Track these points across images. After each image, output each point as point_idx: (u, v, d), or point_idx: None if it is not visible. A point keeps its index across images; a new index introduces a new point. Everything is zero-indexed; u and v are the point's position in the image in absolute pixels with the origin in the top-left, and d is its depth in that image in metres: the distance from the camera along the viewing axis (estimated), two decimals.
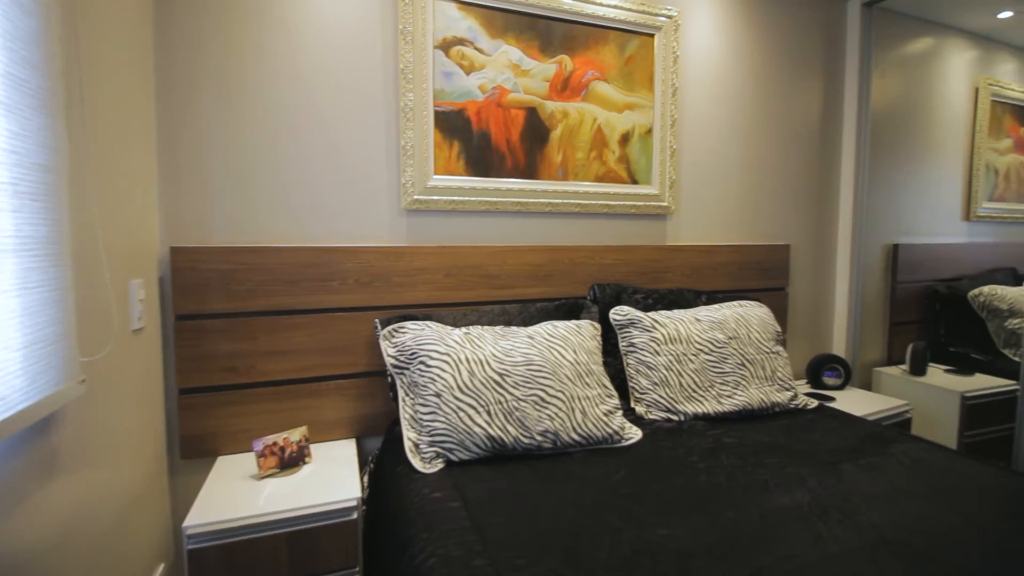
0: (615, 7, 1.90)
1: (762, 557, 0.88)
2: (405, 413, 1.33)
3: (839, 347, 2.46)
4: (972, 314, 2.36)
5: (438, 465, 1.23)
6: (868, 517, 1.02)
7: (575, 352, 1.42)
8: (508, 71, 1.79)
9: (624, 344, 1.65)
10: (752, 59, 2.23)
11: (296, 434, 1.38)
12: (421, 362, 1.31)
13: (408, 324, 1.41)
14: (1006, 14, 2.43)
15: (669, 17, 2.01)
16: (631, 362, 1.62)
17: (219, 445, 1.46)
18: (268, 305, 1.48)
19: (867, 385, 2.42)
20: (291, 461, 1.36)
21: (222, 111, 1.47)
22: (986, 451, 2.06)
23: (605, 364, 1.64)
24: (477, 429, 1.23)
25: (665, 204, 2.06)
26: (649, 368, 1.58)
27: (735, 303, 1.83)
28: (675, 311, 1.75)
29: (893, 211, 2.48)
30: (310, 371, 1.53)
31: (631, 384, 1.62)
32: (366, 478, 1.41)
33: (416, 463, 1.23)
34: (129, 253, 1.23)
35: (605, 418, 1.36)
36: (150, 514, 1.31)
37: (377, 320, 1.48)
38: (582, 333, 1.50)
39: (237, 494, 1.23)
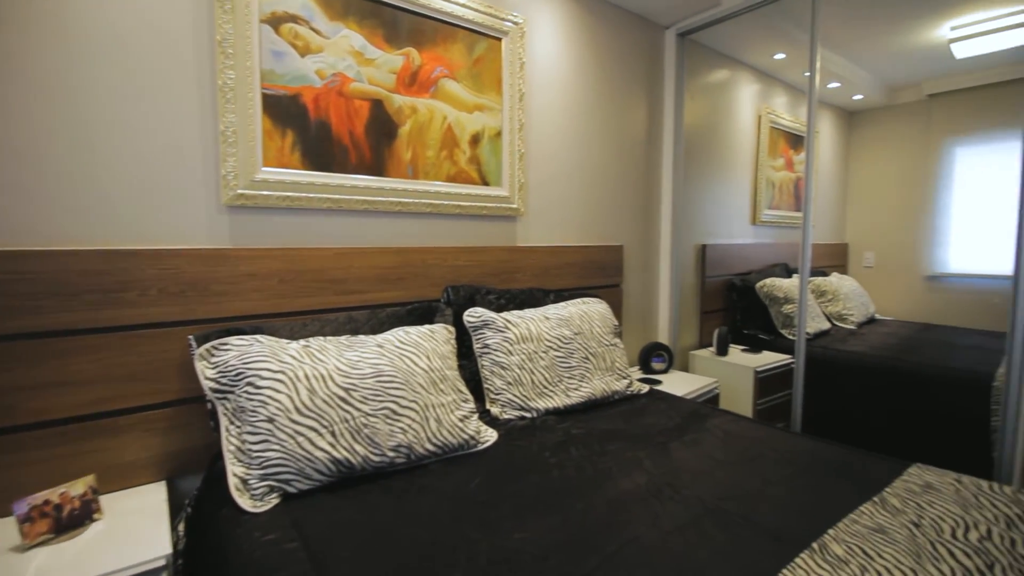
0: (463, 6, 1.88)
1: (609, 544, 0.93)
2: (230, 445, 1.14)
3: (663, 335, 2.79)
4: (759, 302, 2.86)
5: (271, 501, 1.08)
6: (694, 491, 1.15)
7: (429, 358, 1.37)
8: (350, 58, 1.65)
9: (479, 346, 1.65)
10: (589, 73, 2.40)
11: (79, 486, 1.10)
12: (249, 383, 1.14)
13: (232, 340, 1.22)
14: (780, 55, 2.99)
15: (516, 23, 2.05)
16: (486, 363, 1.62)
17: None
18: (35, 326, 1.16)
19: (685, 367, 2.79)
20: (72, 522, 1.08)
21: None
22: (773, 415, 2.52)
23: (460, 367, 1.62)
24: (320, 454, 1.11)
25: (515, 206, 2.11)
26: (503, 368, 1.60)
27: (579, 300, 1.95)
28: (526, 310, 1.80)
29: (702, 216, 2.89)
30: (100, 405, 1.23)
31: (486, 386, 1.62)
32: (182, 526, 1.19)
33: (244, 502, 1.06)
34: None
35: (461, 424, 1.33)
36: None
37: (192, 337, 1.25)
38: (435, 338, 1.45)
39: None
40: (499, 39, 2.03)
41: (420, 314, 1.64)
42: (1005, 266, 1.75)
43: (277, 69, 1.51)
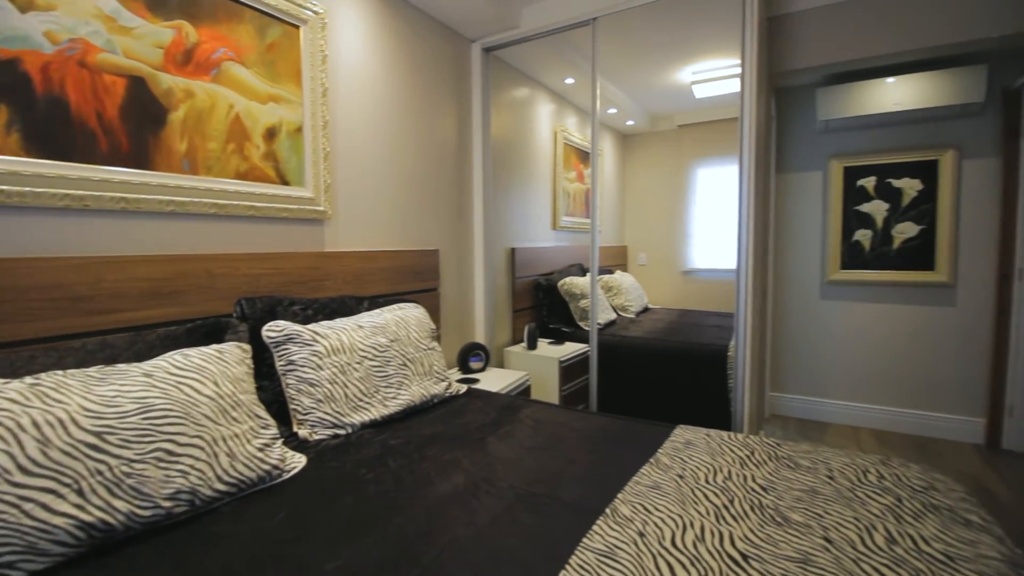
0: None
1: (428, 553, 0.93)
2: None
3: (480, 335, 2.91)
4: (561, 299, 3.17)
5: None
6: (507, 480, 1.21)
7: (217, 383, 1.18)
8: (97, 23, 1.34)
9: (282, 363, 1.49)
10: (401, 78, 2.36)
11: None
12: None
13: None
14: (570, 80, 3.36)
15: (316, 13, 1.91)
16: (291, 382, 1.48)
17: None
18: None
19: (502, 364, 2.95)
20: None
21: None
22: (575, 399, 2.82)
23: (260, 389, 1.44)
24: (60, 520, 0.87)
25: (321, 208, 1.96)
26: (312, 385, 1.47)
27: (395, 306, 1.91)
28: (338, 320, 1.69)
29: (511, 221, 3.09)
30: None
31: (292, 406, 1.47)
32: None
33: None
34: None
35: (261, 454, 1.18)
36: None
37: None
38: (225, 359, 1.26)
39: None
40: (297, 27, 1.87)
41: (205, 333, 1.41)
42: (733, 262, 2.25)
43: None
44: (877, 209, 3.17)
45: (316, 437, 1.44)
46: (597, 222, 2.63)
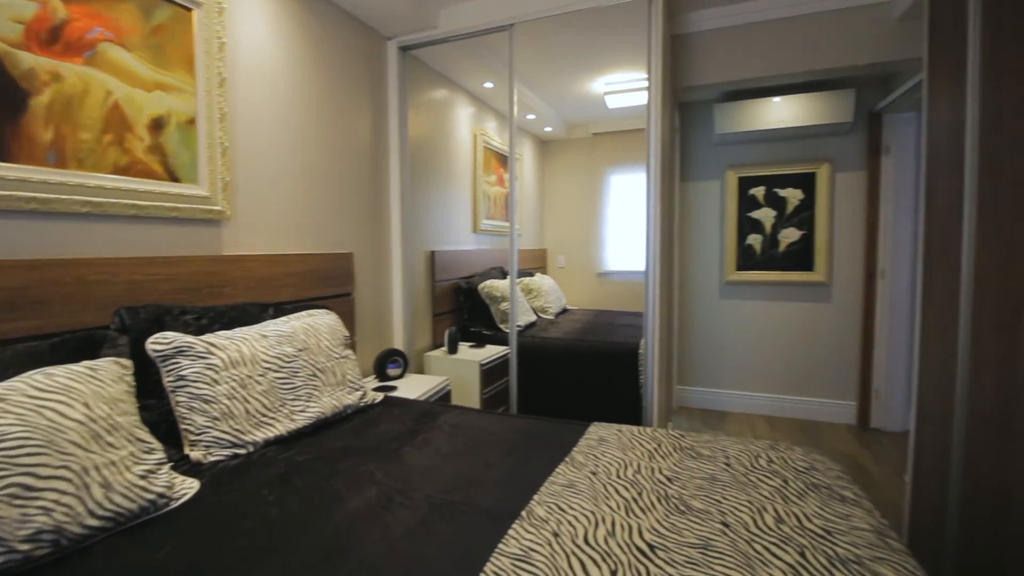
0: None
1: (337, 573, 0.88)
2: None
3: (399, 341, 2.83)
4: (481, 302, 3.18)
5: None
6: (423, 490, 1.18)
7: (88, 405, 1.05)
8: None
9: (171, 379, 1.35)
10: (311, 72, 2.24)
11: None
12: None
13: None
14: (489, 84, 3.37)
15: None
16: (182, 399, 1.34)
17: None
18: None
19: (422, 369, 2.89)
20: None
21: None
22: (497, 402, 2.83)
23: (145, 408, 1.30)
24: None
25: (219, 208, 1.81)
26: (206, 402, 1.35)
27: (304, 313, 1.81)
28: (238, 329, 1.56)
29: (430, 224, 3.05)
30: None
31: (184, 426, 1.34)
32: None
33: None
34: None
35: (143, 482, 1.06)
36: None
37: None
38: (99, 376, 1.12)
39: None
40: (189, 9, 1.72)
41: (75, 348, 1.25)
42: (642, 264, 2.37)
43: None
44: (766, 216, 3.49)
45: (212, 459, 1.32)
46: (516, 225, 2.66)
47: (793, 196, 3.42)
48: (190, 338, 1.40)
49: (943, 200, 1.66)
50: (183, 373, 1.35)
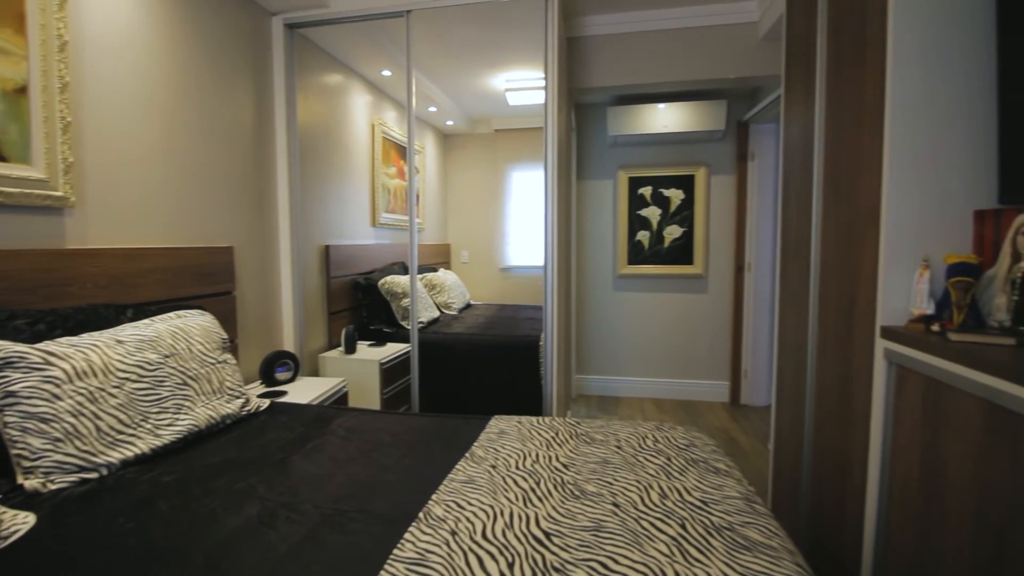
0: None
1: None
2: None
3: (289, 342, 2.64)
4: (382, 298, 3.06)
5: None
6: (311, 501, 1.11)
7: None
8: None
9: None
10: (181, 43, 1.99)
11: None
12: None
13: None
14: (387, 72, 3.24)
15: None
16: (12, 419, 1.13)
17: None
18: None
19: (315, 372, 2.72)
20: None
21: None
22: (398, 401, 2.74)
23: None
24: None
25: (59, 194, 1.55)
26: (44, 421, 1.14)
27: (172, 315, 1.61)
28: (86, 335, 1.35)
29: (324, 217, 2.87)
30: None
31: (15, 451, 1.13)
32: None
33: None
34: None
35: None
36: None
37: None
38: None
39: None
40: None
41: None
42: (541, 259, 2.43)
43: None
44: (653, 214, 3.75)
45: (54, 487, 1.13)
46: (416, 219, 2.59)
47: (676, 196, 3.71)
48: (22, 347, 1.18)
49: (796, 202, 1.90)
50: (12, 388, 1.13)
